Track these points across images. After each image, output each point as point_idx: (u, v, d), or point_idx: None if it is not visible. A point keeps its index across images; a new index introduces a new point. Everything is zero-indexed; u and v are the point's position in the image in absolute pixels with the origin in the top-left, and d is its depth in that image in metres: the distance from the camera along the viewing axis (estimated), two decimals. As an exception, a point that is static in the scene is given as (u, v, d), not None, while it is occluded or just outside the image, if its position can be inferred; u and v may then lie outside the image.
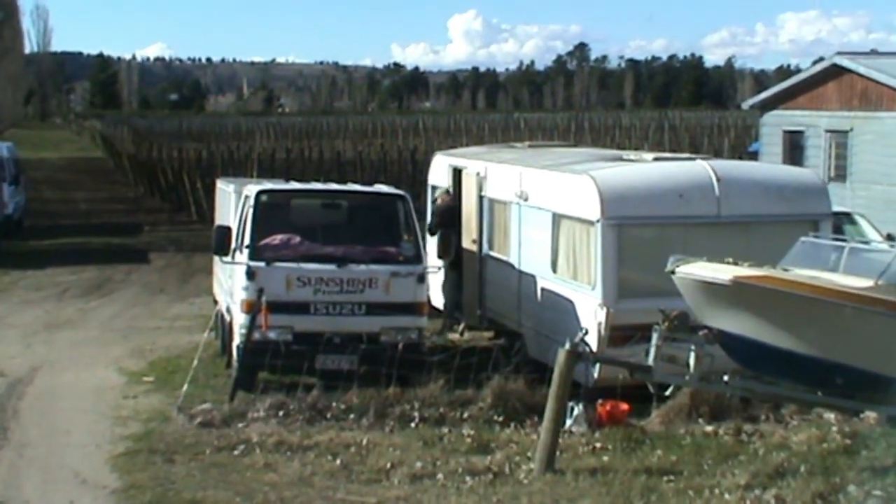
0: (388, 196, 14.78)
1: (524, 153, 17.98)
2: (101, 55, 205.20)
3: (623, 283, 13.18)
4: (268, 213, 13.92)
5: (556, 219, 14.34)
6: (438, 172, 18.82)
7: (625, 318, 12.78)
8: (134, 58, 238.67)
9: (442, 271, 16.42)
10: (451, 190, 17.76)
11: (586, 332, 11.95)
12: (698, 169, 13.99)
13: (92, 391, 14.62)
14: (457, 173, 17.90)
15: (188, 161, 52.76)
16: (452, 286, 17.21)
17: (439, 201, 17.57)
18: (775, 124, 31.06)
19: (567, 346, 11.01)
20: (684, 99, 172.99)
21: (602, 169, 14.11)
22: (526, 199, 15.22)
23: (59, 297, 22.73)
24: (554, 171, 14.88)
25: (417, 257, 13.81)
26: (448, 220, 16.82)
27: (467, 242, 17.11)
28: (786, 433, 11.97)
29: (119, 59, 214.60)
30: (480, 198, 16.72)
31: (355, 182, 18.34)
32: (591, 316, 13.16)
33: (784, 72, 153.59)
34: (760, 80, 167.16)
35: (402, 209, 14.25)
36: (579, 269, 13.78)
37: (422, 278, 13.71)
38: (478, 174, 16.86)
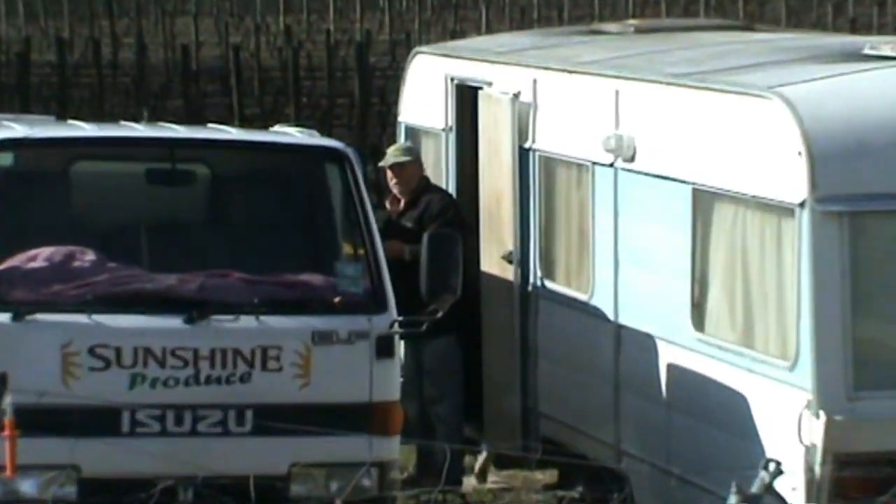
0: (304, 153, 10.61)
1: (623, 46, 13.00)
2: None
3: (863, 355, 9.54)
4: (17, 195, 10.21)
5: (702, 201, 10.33)
6: (421, 95, 13.96)
7: (868, 435, 9.55)
8: None
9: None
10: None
11: (779, 470, 8.35)
12: None
13: None
14: (463, 96, 13.08)
15: None
16: (452, 364, 12.42)
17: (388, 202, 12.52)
18: None
19: (734, 499, 8.29)
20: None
21: (810, 81, 10.04)
22: (631, 158, 10.87)
23: None
24: (695, 87, 10.80)
25: (377, 297, 9.60)
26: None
27: (490, 262, 12.48)
28: None
29: None
30: (522, 153, 11.98)
31: (222, 123, 13.58)
32: (791, 431, 9.74)
33: None
34: None
35: (340, 182, 10.02)
36: (758, 322, 10.06)
37: (387, 346, 9.49)
38: (514, 98, 12.19)
